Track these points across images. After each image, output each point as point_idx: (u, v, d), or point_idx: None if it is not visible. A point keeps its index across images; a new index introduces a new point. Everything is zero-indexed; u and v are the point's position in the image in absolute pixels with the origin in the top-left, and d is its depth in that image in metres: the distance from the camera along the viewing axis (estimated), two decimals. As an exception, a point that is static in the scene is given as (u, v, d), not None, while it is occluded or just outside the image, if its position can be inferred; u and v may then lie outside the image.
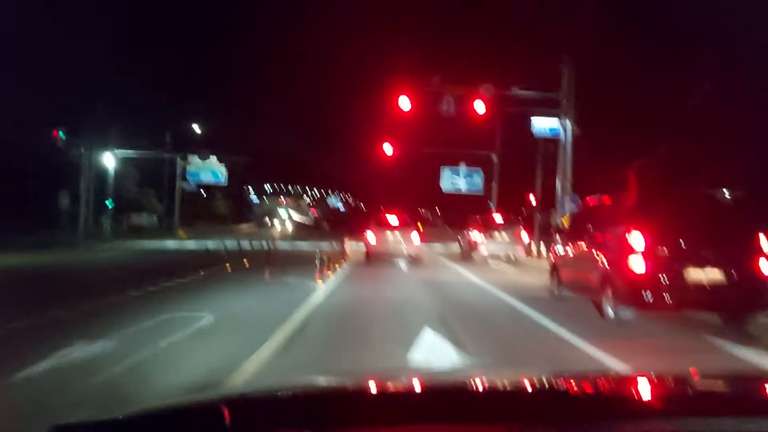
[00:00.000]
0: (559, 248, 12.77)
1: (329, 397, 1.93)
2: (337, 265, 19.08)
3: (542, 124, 25.46)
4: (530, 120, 27.65)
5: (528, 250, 22.73)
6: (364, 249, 22.11)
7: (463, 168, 41.84)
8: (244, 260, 20.91)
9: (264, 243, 29.83)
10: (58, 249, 28.81)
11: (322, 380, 2.36)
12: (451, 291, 13.96)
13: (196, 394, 2.59)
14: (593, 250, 10.07)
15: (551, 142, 32.43)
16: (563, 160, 25.45)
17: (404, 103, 24.01)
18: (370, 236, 21.45)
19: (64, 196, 33.22)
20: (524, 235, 22.28)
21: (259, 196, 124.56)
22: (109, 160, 38.49)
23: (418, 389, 2.10)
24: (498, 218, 23.50)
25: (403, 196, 68.46)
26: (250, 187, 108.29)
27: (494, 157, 37.00)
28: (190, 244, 35.25)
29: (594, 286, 9.70)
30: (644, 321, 8.93)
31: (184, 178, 46.92)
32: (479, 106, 24.14)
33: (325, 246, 22.22)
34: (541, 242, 27.39)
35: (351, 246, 27.07)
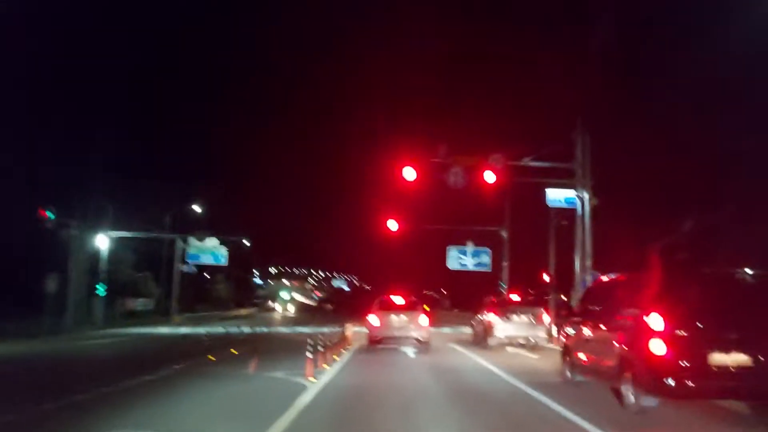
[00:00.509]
0: (571, 329, 11.71)
1: None
2: (335, 355, 16.55)
3: (557, 195, 23.36)
4: (544, 192, 25.81)
5: (549, 334, 20.07)
6: (367, 333, 19.55)
7: (470, 247, 39.69)
8: (232, 349, 18.37)
9: (258, 328, 27.31)
10: (40, 337, 26.38)
11: None
12: (469, 386, 11.46)
13: None
14: (609, 332, 9.46)
15: (565, 216, 30.42)
16: (581, 234, 23.20)
17: (409, 173, 22.13)
18: (373, 320, 18.93)
19: (51, 279, 30.81)
20: (545, 317, 19.70)
21: (264, 279, 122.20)
22: (102, 242, 36.38)
23: None
24: (515, 298, 20.99)
25: (409, 277, 66.01)
26: (254, 270, 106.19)
27: (504, 234, 34.70)
28: (184, 330, 32.76)
29: (611, 370, 9.06)
30: (668, 409, 8.33)
31: (183, 261, 44.76)
32: (489, 176, 22.22)
33: (327, 330, 19.77)
34: (554, 325, 24.70)
35: (355, 330, 24.56)
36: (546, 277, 32.54)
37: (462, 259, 40.41)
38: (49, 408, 8.82)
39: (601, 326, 9.91)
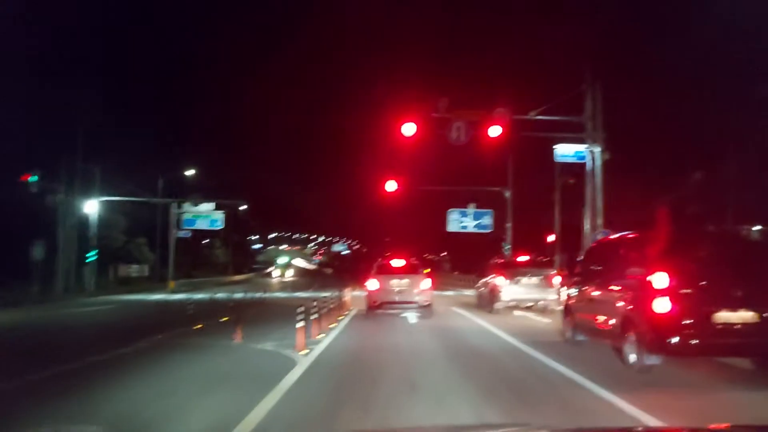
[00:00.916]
0: (572, 289, 11.45)
1: None
2: (332, 323, 15.21)
3: (567, 150, 21.75)
4: (550, 149, 24.20)
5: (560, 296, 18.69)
6: (365, 299, 18.17)
7: (471, 209, 38.21)
8: (222, 317, 17.04)
9: (253, 294, 25.98)
10: (25, 305, 25.11)
11: None
12: (476, 352, 10.12)
13: None
14: (612, 291, 9.29)
15: (572, 174, 28.88)
16: (591, 191, 21.68)
17: (408, 129, 20.48)
18: (372, 284, 17.52)
19: (38, 246, 29.47)
20: (556, 280, 18.28)
21: (263, 245, 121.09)
22: (91, 207, 34.85)
23: None
24: (524, 259, 19.53)
25: (409, 240, 64.76)
26: (253, 236, 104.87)
27: (507, 194, 33.15)
28: (179, 296, 31.49)
29: (614, 329, 8.94)
30: (670, 368, 8.27)
31: (179, 226, 43.25)
32: (493, 131, 20.61)
33: (325, 295, 18.42)
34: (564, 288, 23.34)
35: (354, 294, 23.27)
36: (551, 238, 31.20)
37: (463, 221, 39.01)
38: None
39: (604, 286, 9.70)
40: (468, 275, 50.53)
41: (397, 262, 18.49)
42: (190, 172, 44.48)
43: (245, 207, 66.86)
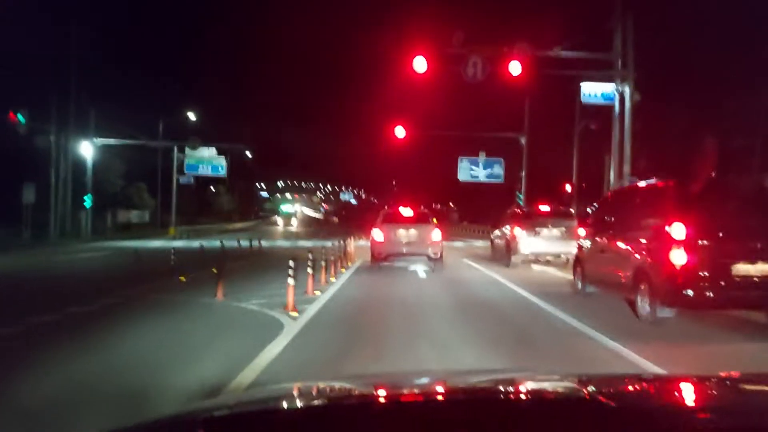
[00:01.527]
0: (585, 240, 10.92)
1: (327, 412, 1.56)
2: (332, 276, 13.47)
3: (593, 89, 19.58)
4: (571, 91, 22.19)
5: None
6: (370, 250, 16.34)
7: (482, 158, 36.06)
8: (213, 268, 15.31)
9: (254, 242, 24.24)
10: (17, 250, 23.59)
11: (324, 390, 1.93)
12: (509, 324, 8.33)
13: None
14: (625, 242, 8.96)
15: (594, 118, 26.73)
16: (619, 136, 19.60)
17: (419, 64, 18.35)
18: (378, 234, 15.65)
19: (28, 189, 27.77)
20: (581, 231, 16.34)
21: (271, 193, 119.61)
22: (86, 150, 32.93)
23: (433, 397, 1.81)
24: (545, 209, 17.56)
25: (417, 190, 62.91)
26: (260, 184, 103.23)
27: (522, 140, 30.97)
28: (178, 243, 29.88)
29: (626, 282, 8.64)
30: (684, 321, 8.01)
31: (181, 171, 41.34)
32: (514, 68, 18.46)
33: (330, 245, 16.71)
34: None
35: (360, 244, 21.53)
36: (569, 188, 29.24)
37: (473, 170, 36.98)
38: None
39: (617, 236, 9.33)
40: (477, 225, 48.95)
41: (405, 211, 16.59)
42: (191, 116, 42.33)
43: (250, 153, 65.03)
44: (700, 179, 8.63)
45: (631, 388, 1.91)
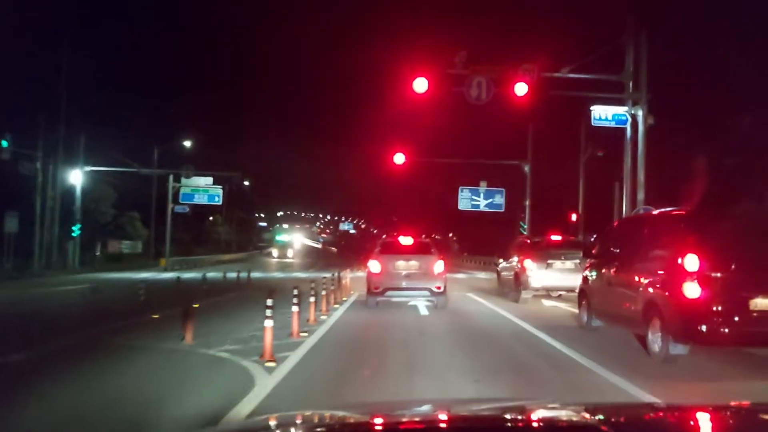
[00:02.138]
0: (590, 272, 10.30)
1: None
2: (323, 313, 11.89)
3: (604, 113, 18.21)
4: (580, 117, 20.86)
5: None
6: (366, 283, 14.65)
7: (483, 188, 34.64)
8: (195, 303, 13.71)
9: (243, 273, 22.57)
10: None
11: (326, 418, 1.95)
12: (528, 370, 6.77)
13: None
14: (635, 274, 8.23)
15: (602, 145, 25.42)
16: (632, 162, 18.18)
17: (420, 84, 17.07)
18: (374, 266, 13.94)
19: (10, 217, 26.21)
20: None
21: (271, 223, 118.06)
22: (75, 177, 31.47)
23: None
24: (556, 238, 16.02)
25: (416, 220, 61.46)
26: (261, 214, 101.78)
27: (526, 168, 29.52)
28: (168, 275, 28.32)
29: (636, 315, 7.91)
30: (697, 358, 7.33)
31: (176, 200, 39.83)
32: (520, 89, 17.20)
33: (327, 276, 15.16)
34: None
35: (357, 276, 19.94)
36: (574, 217, 27.72)
37: (474, 199, 35.53)
38: None
39: (625, 267, 8.75)
40: (478, 256, 47.34)
41: (405, 240, 14.90)
42: (187, 144, 41.08)
43: (248, 182, 63.72)
44: (714, 207, 8.24)
45: (638, 416, 1.83)
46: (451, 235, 72.92)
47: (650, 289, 7.74)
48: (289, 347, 8.07)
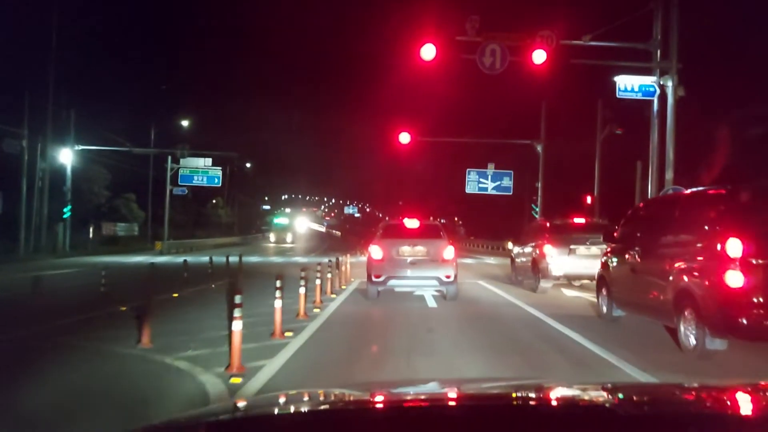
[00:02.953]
0: (611, 257, 9.45)
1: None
2: (316, 306, 10.30)
3: (630, 83, 16.46)
4: (599, 91, 19.08)
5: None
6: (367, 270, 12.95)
7: (491, 170, 32.95)
8: (174, 293, 12.16)
9: (237, 258, 20.93)
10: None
11: (331, 396, 1.92)
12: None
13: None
14: (664, 260, 7.47)
15: (620, 122, 23.69)
16: (659, 138, 16.49)
17: (427, 52, 15.40)
18: (376, 252, 12.21)
19: (-6, 198, 24.70)
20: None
21: (275, 206, 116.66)
22: (66, 157, 29.86)
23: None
24: (580, 222, 14.34)
25: (422, 204, 59.80)
26: (264, 197, 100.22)
27: (539, 148, 27.73)
28: (163, 259, 26.86)
29: (665, 306, 7.30)
30: (736, 353, 6.66)
31: (174, 182, 38.22)
32: (538, 56, 15.58)
33: (327, 261, 13.58)
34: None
35: (359, 260, 18.38)
36: (589, 200, 26.03)
37: (482, 182, 33.88)
38: None
39: (653, 253, 7.96)
40: (484, 240, 45.72)
41: (411, 223, 13.14)
42: (185, 124, 39.43)
43: (249, 165, 62.10)
44: (758, 186, 7.30)
45: (660, 397, 1.78)
46: (456, 219, 71.26)
47: (684, 277, 6.99)
48: (266, 352, 6.48)
